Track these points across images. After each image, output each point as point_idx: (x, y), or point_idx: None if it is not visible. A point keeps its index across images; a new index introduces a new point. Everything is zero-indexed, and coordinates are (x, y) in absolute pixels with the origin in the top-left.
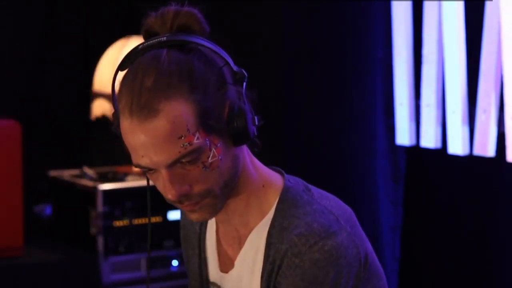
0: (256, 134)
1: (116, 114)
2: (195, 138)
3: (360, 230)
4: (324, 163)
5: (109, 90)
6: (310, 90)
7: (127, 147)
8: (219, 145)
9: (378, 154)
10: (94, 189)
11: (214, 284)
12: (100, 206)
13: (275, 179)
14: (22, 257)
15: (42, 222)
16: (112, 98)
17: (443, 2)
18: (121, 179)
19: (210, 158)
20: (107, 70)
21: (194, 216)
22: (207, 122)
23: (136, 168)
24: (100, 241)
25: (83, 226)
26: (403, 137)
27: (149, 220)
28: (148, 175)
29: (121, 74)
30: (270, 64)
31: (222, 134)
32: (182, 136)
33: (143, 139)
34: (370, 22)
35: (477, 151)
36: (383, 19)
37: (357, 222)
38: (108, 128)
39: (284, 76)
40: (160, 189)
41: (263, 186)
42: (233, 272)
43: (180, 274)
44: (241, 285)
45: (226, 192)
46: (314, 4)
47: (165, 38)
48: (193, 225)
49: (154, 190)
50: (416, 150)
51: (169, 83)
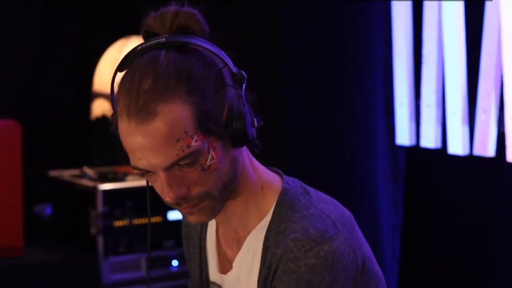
0: (255, 136)
1: (114, 115)
2: (193, 140)
3: (358, 234)
4: (324, 163)
5: (109, 90)
6: (310, 90)
7: (125, 149)
8: (218, 147)
9: (378, 154)
10: (94, 189)
11: (215, 283)
12: (100, 206)
13: (274, 181)
14: (22, 257)
15: (42, 222)
16: (111, 99)
17: (443, 2)
18: (121, 179)
19: (208, 161)
20: (107, 70)
21: (193, 218)
22: (206, 124)
23: (134, 170)
24: (100, 241)
25: (83, 226)
26: (403, 137)
27: (149, 220)
28: (146, 177)
29: (120, 75)
30: (270, 64)
31: (221, 136)
32: (180, 138)
33: (141, 142)
34: (370, 22)
35: (477, 151)
36: (383, 19)
37: (355, 226)
38: (108, 128)
39: (284, 76)
40: (158, 191)
41: (262, 188)
42: (231, 273)
43: (180, 274)
44: (239, 286)
45: (224, 194)
46: (314, 4)
47: (164, 39)
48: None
49: (154, 190)
50: (416, 150)
51: (167, 85)
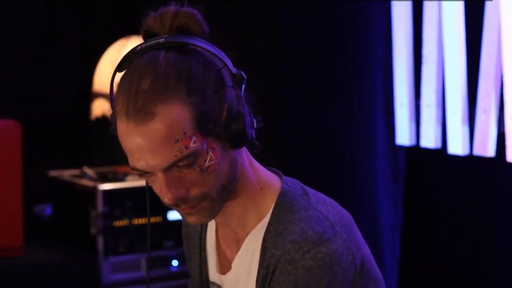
0: (254, 137)
1: (113, 116)
2: (192, 141)
3: (357, 235)
4: (324, 163)
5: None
6: (310, 90)
7: (124, 150)
8: (217, 148)
9: (378, 154)
10: (94, 189)
11: (214, 283)
12: (100, 206)
13: (273, 182)
14: (22, 257)
15: (42, 222)
16: (110, 99)
17: (443, 2)
18: (121, 179)
19: (207, 162)
20: (107, 70)
21: (191, 219)
22: (205, 125)
23: (133, 170)
24: (100, 241)
25: (83, 226)
26: (403, 137)
27: (148, 220)
28: (145, 178)
29: (119, 75)
30: (270, 64)
31: (220, 137)
32: (178, 139)
33: (139, 142)
34: (370, 22)
35: (477, 151)
36: (383, 19)
37: (354, 227)
38: (108, 128)
39: (284, 76)
40: (157, 192)
41: (261, 189)
42: (230, 274)
43: (180, 274)
44: (238, 287)
45: (223, 195)
46: (314, 4)
47: (163, 39)
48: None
49: (153, 190)
50: (416, 150)
51: (166, 86)
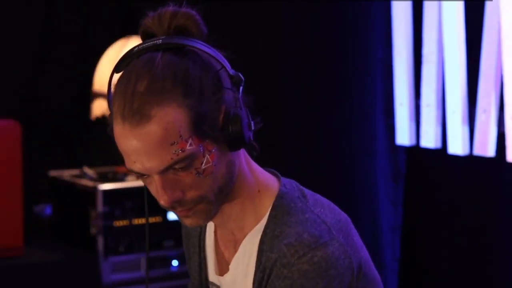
0: (252, 139)
1: (110, 117)
2: (188, 144)
3: (355, 238)
4: (324, 163)
5: None
6: (310, 90)
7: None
8: (214, 150)
9: (378, 154)
10: (94, 189)
11: (214, 284)
12: (100, 206)
13: (271, 184)
14: (22, 257)
15: (42, 222)
16: (107, 101)
17: (443, 2)
18: (121, 179)
19: (203, 165)
20: (107, 70)
21: (188, 221)
22: (201, 127)
23: (130, 172)
24: (100, 241)
25: (83, 226)
26: (403, 137)
27: (147, 220)
28: (142, 180)
29: (117, 76)
30: (270, 64)
31: (217, 139)
32: (174, 142)
33: (135, 145)
34: (370, 22)
35: (477, 151)
36: (383, 19)
37: (352, 230)
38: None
39: (284, 76)
40: (153, 194)
41: (259, 191)
42: (227, 275)
43: (180, 274)
44: None
45: (220, 197)
46: (314, 4)
47: (160, 41)
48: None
49: None
50: (416, 150)
51: (162, 88)
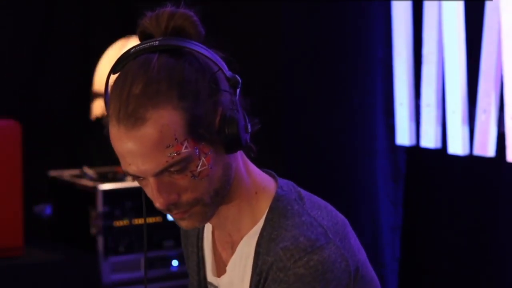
0: (248, 141)
1: (106, 119)
2: (183, 147)
3: (352, 241)
4: (324, 163)
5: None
6: (310, 90)
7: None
8: (210, 153)
9: (378, 154)
10: (94, 189)
11: (212, 284)
12: (100, 206)
13: (268, 186)
14: (22, 257)
15: (42, 222)
16: (104, 101)
17: (443, 2)
18: (121, 179)
19: (199, 167)
20: (107, 70)
21: (184, 223)
22: (197, 130)
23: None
24: (100, 241)
25: (83, 226)
26: (403, 137)
27: (144, 220)
28: (137, 182)
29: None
30: (270, 64)
31: (213, 142)
32: (169, 145)
33: (130, 147)
34: (370, 22)
35: (477, 151)
36: (383, 19)
37: (349, 233)
38: None
39: (284, 76)
40: (149, 196)
41: (256, 193)
42: (225, 277)
43: (180, 274)
44: None
45: (216, 200)
46: (314, 4)
47: (157, 42)
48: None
49: None
50: (416, 150)
51: (157, 91)
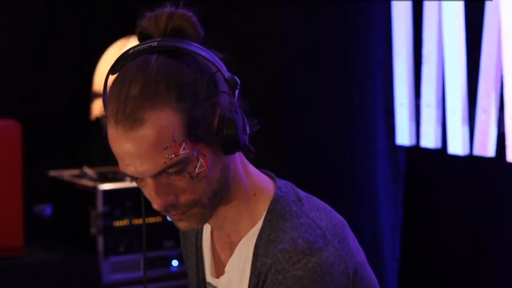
0: (247, 142)
1: (105, 120)
2: (181, 148)
3: (350, 242)
4: (324, 163)
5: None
6: (310, 90)
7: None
8: (208, 154)
9: (378, 154)
10: (94, 189)
11: (211, 284)
12: (100, 206)
13: (267, 187)
14: (22, 257)
15: (42, 222)
16: (103, 102)
17: (443, 2)
18: (121, 179)
19: (197, 169)
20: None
21: (182, 224)
22: (195, 131)
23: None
24: (100, 241)
25: (83, 226)
26: (403, 137)
27: (143, 220)
28: (136, 183)
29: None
30: (270, 64)
31: (212, 143)
32: (167, 146)
33: (128, 149)
34: (370, 22)
35: (477, 151)
36: (383, 19)
37: (348, 235)
38: None
39: (284, 76)
40: (147, 197)
41: (255, 194)
42: (223, 278)
43: (180, 274)
44: None
45: (215, 201)
46: (314, 4)
47: (156, 43)
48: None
49: None
50: (416, 150)
51: (155, 92)
